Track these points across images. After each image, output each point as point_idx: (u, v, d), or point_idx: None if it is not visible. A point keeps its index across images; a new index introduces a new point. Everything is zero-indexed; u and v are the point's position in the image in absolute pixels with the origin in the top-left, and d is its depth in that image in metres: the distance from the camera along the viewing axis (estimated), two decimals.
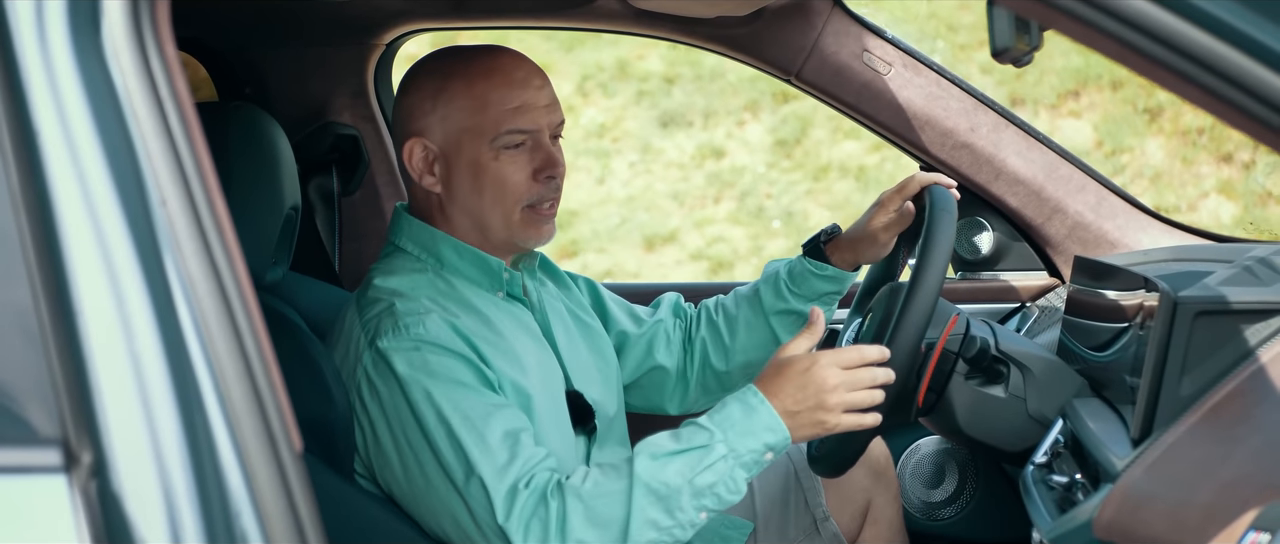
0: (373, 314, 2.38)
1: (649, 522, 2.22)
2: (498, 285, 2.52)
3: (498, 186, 2.45)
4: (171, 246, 1.44)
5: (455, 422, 2.26)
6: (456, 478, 2.25)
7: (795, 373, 2.30)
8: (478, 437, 2.25)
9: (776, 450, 2.29)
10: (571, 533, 2.19)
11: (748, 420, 2.27)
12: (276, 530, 1.43)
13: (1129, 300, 2.37)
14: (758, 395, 2.29)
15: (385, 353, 2.32)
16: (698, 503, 2.25)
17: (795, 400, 2.28)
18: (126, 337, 1.41)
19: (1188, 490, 1.89)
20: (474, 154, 2.44)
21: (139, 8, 1.47)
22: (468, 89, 2.45)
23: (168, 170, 1.46)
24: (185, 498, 1.40)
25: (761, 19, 3.16)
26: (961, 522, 3.23)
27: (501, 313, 2.49)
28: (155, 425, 1.41)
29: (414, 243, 2.51)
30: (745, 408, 2.29)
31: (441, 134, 2.47)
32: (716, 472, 2.25)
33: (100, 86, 1.45)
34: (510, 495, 2.21)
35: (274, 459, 1.44)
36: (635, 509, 2.21)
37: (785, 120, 8.40)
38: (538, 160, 2.46)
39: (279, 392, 1.47)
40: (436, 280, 2.47)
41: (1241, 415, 1.95)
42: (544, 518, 2.20)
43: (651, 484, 2.23)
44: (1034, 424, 2.59)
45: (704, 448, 2.25)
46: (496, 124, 2.43)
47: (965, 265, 3.38)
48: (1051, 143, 3.27)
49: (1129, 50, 1.51)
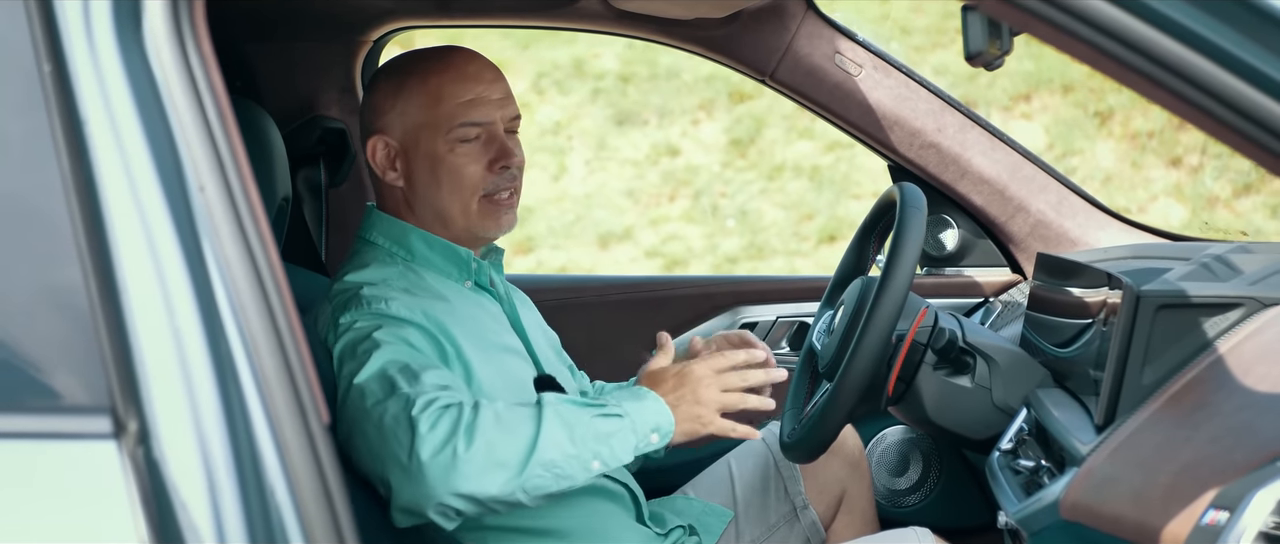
0: (341, 300, 2.45)
1: (554, 442, 2.26)
2: (466, 275, 2.59)
3: (454, 177, 2.52)
4: (209, 230, 1.53)
5: (392, 368, 2.31)
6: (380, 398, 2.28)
7: (669, 375, 2.40)
8: (412, 376, 2.30)
9: (661, 433, 2.35)
10: (480, 432, 2.21)
11: (638, 401, 2.35)
12: (306, 495, 1.51)
13: (1093, 297, 2.47)
14: (642, 388, 2.39)
15: (343, 325, 2.40)
16: (594, 448, 2.29)
17: (674, 396, 2.37)
18: (168, 313, 1.50)
19: (1150, 472, 1.97)
20: (431, 147, 2.52)
21: (179, 7, 1.56)
22: (422, 85, 2.53)
23: (205, 158, 1.54)
24: (222, 463, 1.49)
25: (738, 21, 3.25)
26: (925, 508, 3.32)
27: (469, 303, 2.56)
28: (195, 396, 1.49)
29: (385, 236, 2.58)
30: (633, 394, 2.37)
31: (400, 129, 2.54)
32: (614, 425, 2.31)
33: (142, 80, 1.54)
34: (426, 403, 2.24)
35: (304, 428, 1.53)
36: (545, 425, 2.26)
37: (740, 120, 8.44)
38: (492, 151, 2.53)
39: (308, 366, 1.56)
40: (407, 272, 2.53)
41: (1200, 402, 2.04)
42: (455, 417, 2.22)
43: (561, 412, 2.28)
44: (999, 413, 2.68)
45: (603, 406, 2.32)
46: (450, 117, 2.51)
47: (931, 261, 3.47)
48: (1015, 144, 3.37)
49: (1101, 55, 1.60)
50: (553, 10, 3.21)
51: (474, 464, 2.21)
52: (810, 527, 2.96)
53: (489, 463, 2.22)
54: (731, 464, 3.03)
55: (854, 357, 2.56)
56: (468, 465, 2.21)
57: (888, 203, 2.83)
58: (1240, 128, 1.60)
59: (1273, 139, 1.59)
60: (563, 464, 2.27)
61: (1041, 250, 3.24)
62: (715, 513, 2.92)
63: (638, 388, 2.41)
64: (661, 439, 2.36)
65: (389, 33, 3.49)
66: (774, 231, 7.95)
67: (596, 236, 8.07)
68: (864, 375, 2.57)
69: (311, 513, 1.52)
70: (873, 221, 2.94)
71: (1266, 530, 1.72)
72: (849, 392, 2.57)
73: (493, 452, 2.22)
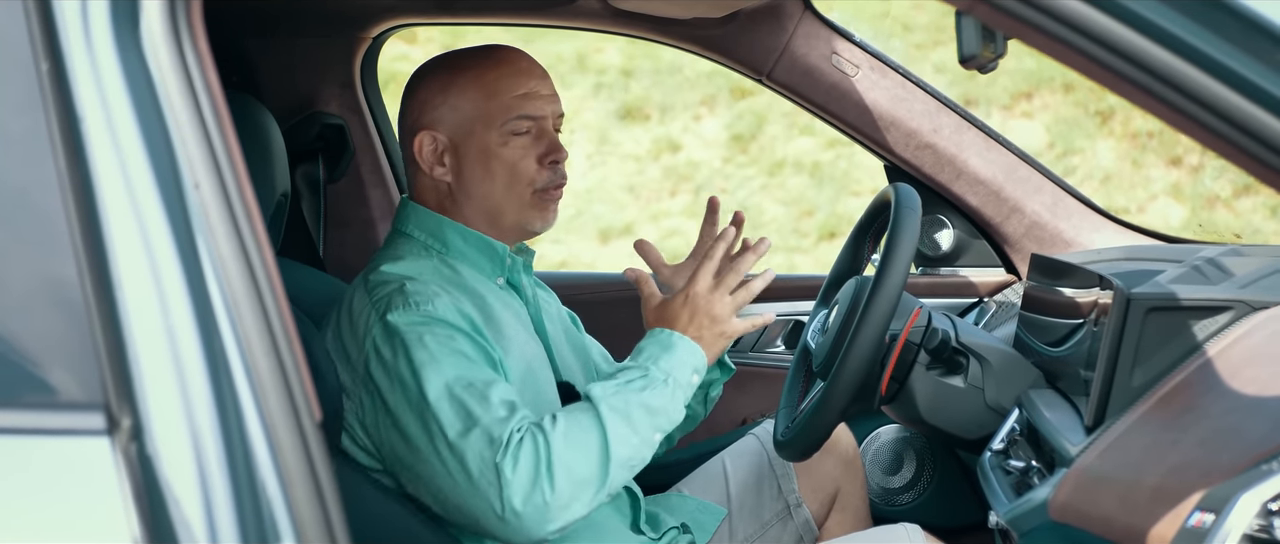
0: (383, 293, 2.44)
1: (621, 438, 2.33)
2: (500, 271, 2.60)
3: (509, 171, 2.54)
4: (204, 227, 1.54)
5: (458, 387, 2.33)
6: (455, 433, 2.31)
7: (679, 307, 2.48)
8: (479, 396, 2.32)
9: (700, 372, 2.46)
10: (557, 459, 2.27)
11: (669, 352, 2.43)
12: (298, 492, 1.53)
13: (1084, 297, 2.48)
14: (665, 331, 2.46)
15: (395, 325, 2.39)
16: (653, 423, 2.38)
17: (693, 327, 2.46)
18: (163, 310, 1.51)
19: (1137, 473, 1.98)
20: (484, 141, 2.53)
21: (176, 6, 1.57)
22: (477, 79, 2.54)
23: (201, 156, 1.55)
24: (215, 460, 1.50)
25: (736, 21, 3.27)
26: (919, 507, 3.33)
27: (499, 300, 2.57)
28: (189, 392, 1.50)
29: (421, 229, 2.58)
30: (660, 344, 2.44)
31: (451, 124, 2.55)
32: (661, 393, 2.39)
33: (139, 79, 1.55)
34: (505, 441, 2.28)
35: (296, 426, 1.54)
36: (609, 428, 2.32)
37: (741, 115, 8.45)
38: (543, 146, 2.56)
39: (301, 364, 1.57)
40: (441, 266, 2.54)
41: (1189, 405, 2.05)
42: (532, 451, 2.27)
43: (614, 404, 2.34)
44: (991, 413, 2.69)
45: (644, 376, 2.39)
46: (506, 110, 2.53)
47: (926, 261, 3.48)
48: (1011, 145, 3.38)
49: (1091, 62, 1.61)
50: (552, 9, 3.22)
51: (562, 497, 2.28)
52: (803, 525, 2.97)
53: (574, 488, 2.29)
54: (726, 462, 3.05)
55: (847, 356, 2.57)
56: (557, 502, 2.27)
57: (883, 203, 2.85)
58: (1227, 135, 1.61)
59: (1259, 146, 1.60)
60: (633, 455, 2.36)
61: (1036, 251, 3.25)
62: (709, 511, 2.93)
63: (660, 335, 2.46)
64: (701, 376, 2.47)
65: (389, 29, 3.50)
66: (774, 227, 7.96)
67: (597, 231, 8.08)
68: (857, 375, 2.58)
69: (303, 510, 1.53)
70: (868, 221, 2.95)
71: (1251, 533, 1.73)
72: (842, 391, 2.59)
73: (573, 476, 2.28)
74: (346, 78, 3.46)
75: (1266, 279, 2.30)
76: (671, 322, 2.47)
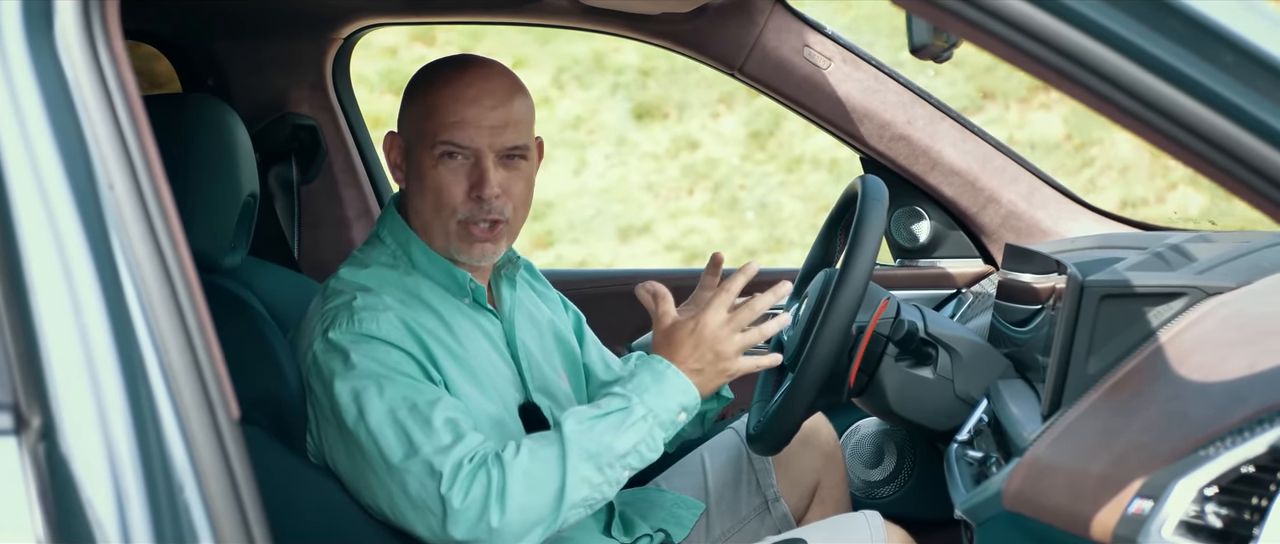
0: (332, 305, 2.44)
1: (583, 479, 2.32)
2: (463, 293, 2.57)
3: (435, 194, 2.50)
4: (118, 227, 1.54)
5: (400, 409, 2.32)
6: (396, 459, 2.31)
7: (686, 335, 2.43)
8: (422, 420, 2.31)
9: (689, 410, 2.42)
10: (511, 497, 2.27)
11: (659, 385, 2.39)
12: (213, 491, 1.53)
13: (1043, 283, 2.47)
14: (663, 361, 2.42)
15: (334, 343, 2.39)
16: (623, 462, 2.36)
17: (695, 359, 2.42)
18: (75, 310, 1.51)
19: (1085, 461, 1.97)
20: (420, 157, 2.51)
21: (89, 6, 1.57)
22: (425, 94, 2.52)
23: (115, 157, 1.55)
24: (128, 460, 1.50)
25: (705, 15, 3.26)
26: (900, 500, 3.31)
27: (463, 319, 2.55)
28: (101, 392, 1.50)
29: (392, 237, 2.57)
30: (655, 374, 2.40)
31: (406, 132, 2.55)
32: (638, 432, 2.36)
33: (53, 79, 1.55)
34: (454, 470, 2.28)
35: (212, 424, 1.54)
36: (570, 469, 2.30)
37: (759, 113, 8.44)
38: (473, 177, 2.48)
39: (218, 362, 1.57)
40: (404, 279, 2.52)
41: (1138, 391, 2.04)
42: (485, 484, 2.27)
43: (583, 444, 2.32)
44: (961, 404, 2.69)
45: (624, 411, 2.36)
46: (436, 133, 2.48)
47: (903, 253, 3.48)
48: (986, 135, 3.37)
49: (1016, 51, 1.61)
50: (521, 6, 3.23)
51: (511, 531, 2.28)
52: (782, 518, 2.96)
53: (524, 524, 2.29)
54: (704, 456, 3.04)
55: (813, 348, 2.57)
56: (503, 536, 2.28)
57: (852, 195, 2.84)
58: (1150, 120, 1.60)
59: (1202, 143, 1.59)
60: (593, 495, 2.35)
61: (1012, 241, 3.24)
62: (686, 505, 2.93)
63: (656, 364, 2.42)
64: (690, 414, 2.43)
65: (360, 30, 3.51)
66: (793, 224, 7.96)
67: (616, 230, 8.08)
68: (823, 367, 2.57)
69: (220, 509, 1.53)
70: (838, 214, 2.94)
71: (1187, 519, 1.72)
72: (808, 384, 2.58)
73: (526, 514, 2.28)
74: (318, 79, 3.47)
75: (1226, 265, 2.29)
76: (675, 349, 2.43)
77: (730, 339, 2.42)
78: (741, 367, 2.45)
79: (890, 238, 3.46)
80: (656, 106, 8.63)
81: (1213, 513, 1.71)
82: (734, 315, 2.44)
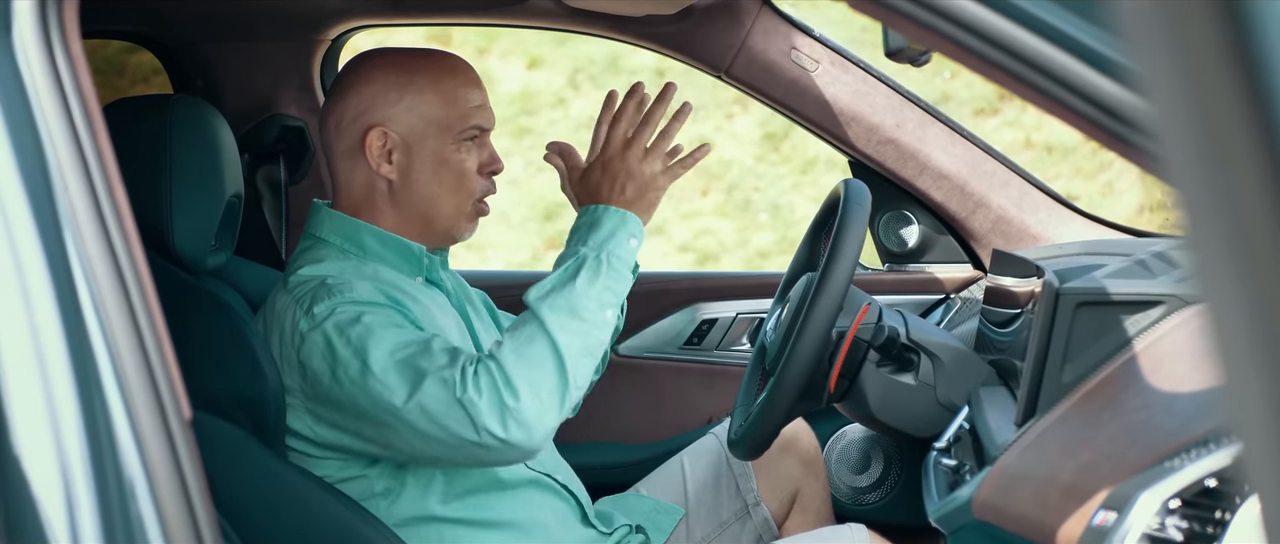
0: (304, 291, 2.46)
1: (570, 332, 2.34)
2: (418, 271, 2.60)
3: (459, 178, 2.56)
4: (72, 229, 1.54)
5: (398, 351, 2.35)
6: (406, 391, 2.32)
7: (598, 176, 2.49)
8: (421, 350, 2.35)
9: (638, 237, 2.46)
10: (515, 378, 2.29)
11: (596, 226, 2.44)
12: (164, 492, 1.53)
13: (1023, 287, 2.46)
14: (590, 209, 2.47)
15: (321, 314, 2.40)
16: (600, 302, 2.39)
17: (617, 192, 2.48)
18: (27, 310, 1.51)
19: (1052, 470, 1.96)
20: (438, 146, 2.55)
21: (47, 11, 1.58)
22: (436, 84, 2.56)
23: (71, 160, 1.56)
24: (79, 460, 1.50)
25: (691, 18, 3.26)
26: (887, 506, 3.30)
27: (421, 294, 2.57)
28: (52, 393, 1.50)
29: (336, 234, 2.58)
30: (588, 223, 2.46)
31: (406, 124, 2.55)
32: (597, 270, 2.40)
33: (10, 82, 1.55)
34: (461, 376, 2.30)
35: (163, 425, 1.54)
36: (553, 328, 2.33)
37: (773, 115, 8.41)
38: (484, 157, 2.59)
39: (170, 364, 1.57)
40: (361, 266, 2.55)
41: (1109, 401, 2.03)
42: (489, 376, 2.29)
43: (552, 304, 2.36)
44: (943, 411, 2.67)
45: (574, 258, 2.41)
46: (464, 119, 2.55)
47: (892, 257, 3.46)
48: (976, 139, 3.36)
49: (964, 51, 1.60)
50: (505, 9, 3.22)
51: (531, 409, 2.29)
52: (762, 524, 2.96)
53: (540, 399, 2.31)
54: (684, 462, 3.04)
55: (792, 352, 2.57)
56: (530, 414, 2.29)
57: (835, 199, 2.83)
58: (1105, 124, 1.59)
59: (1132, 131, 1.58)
60: (588, 341, 2.37)
61: (1001, 246, 3.23)
62: (666, 511, 2.93)
63: (586, 213, 2.47)
64: (640, 241, 2.47)
65: (346, 32, 3.52)
66: (806, 225, 7.94)
67: None
68: (802, 372, 2.57)
69: (170, 510, 1.54)
70: (823, 219, 2.94)
71: (1150, 532, 1.71)
72: (787, 389, 2.58)
73: (537, 388, 2.31)
74: (305, 80, 3.47)
75: None
76: (594, 193, 2.49)
77: (640, 159, 2.47)
78: (662, 179, 2.49)
79: (879, 242, 3.45)
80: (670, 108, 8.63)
81: (1174, 526, 1.70)
82: (634, 136, 2.49)
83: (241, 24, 3.35)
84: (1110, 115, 1.57)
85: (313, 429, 2.47)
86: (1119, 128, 1.59)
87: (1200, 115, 0.83)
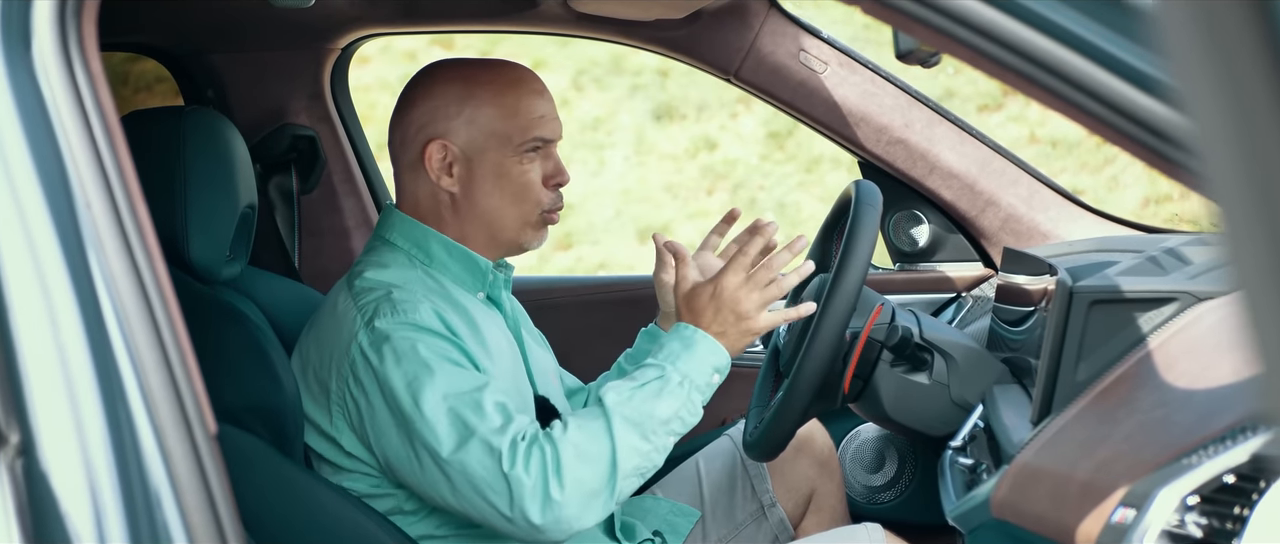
0: (370, 299, 2.44)
1: (631, 448, 2.35)
2: (481, 286, 2.59)
3: (522, 190, 2.55)
4: (95, 244, 1.55)
5: (451, 396, 2.34)
6: (453, 443, 2.32)
7: (706, 299, 2.48)
8: (473, 404, 2.33)
9: (721, 371, 2.47)
10: (566, 470, 2.29)
11: (689, 351, 2.44)
12: (190, 504, 1.54)
13: (1036, 285, 2.47)
14: (690, 328, 2.47)
15: (383, 332, 2.39)
16: (667, 428, 2.40)
17: (718, 321, 2.47)
18: (53, 327, 1.52)
19: (1070, 468, 1.96)
20: (499, 158, 2.54)
21: (67, 28, 1.59)
22: (497, 96, 2.55)
23: (92, 175, 1.57)
24: (106, 475, 1.51)
25: (699, 21, 3.27)
26: (901, 505, 3.30)
27: (481, 314, 2.56)
28: (79, 409, 1.51)
29: (405, 239, 2.58)
30: (683, 341, 2.46)
31: (466, 137, 2.54)
32: (677, 397, 2.40)
33: (30, 98, 1.57)
34: (512, 448, 2.30)
35: (189, 439, 1.55)
36: (618, 438, 2.34)
37: (778, 113, 8.39)
38: (550, 167, 2.58)
39: (195, 377, 1.58)
40: (425, 277, 2.53)
41: (1124, 398, 2.03)
42: (541, 459, 2.29)
43: (625, 413, 2.36)
44: (957, 410, 2.68)
45: (660, 379, 2.41)
46: (524, 131, 2.54)
47: (903, 257, 3.47)
48: (985, 138, 3.36)
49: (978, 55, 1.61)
50: (515, 14, 3.23)
51: (572, 509, 2.30)
52: (778, 525, 2.97)
53: (582, 497, 2.30)
54: (699, 463, 3.05)
55: (807, 354, 2.57)
56: (567, 513, 2.29)
57: (847, 201, 2.84)
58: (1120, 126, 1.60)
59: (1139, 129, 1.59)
60: (644, 463, 2.38)
61: (1012, 244, 3.23)
62: (682, 512, 2.94)
63: (684, 331, 2.47)
64: (722, 376, 2.48)
65: (357, 40, 3.52)
66: (813, 224, 7.95)
67: (636, 232, 8.09)
68: (817, 373, 2.57)
69: (197, 522, 1.55)
70: (834, 220, 2.94)
71: (1169, 529, 1.72)
72: (802, 390, 2.58)
73: (583, 486, 2.30)
74: (316, 89, 3.48)
75: (1219, 269, 2.28)
76: (698, 314, 2.48)
77: (749, 298, 2.47)
78: (764, 324, 2.49)
79: (889, 242, 3.46)
80: (675, 107, 8.64)
81: (1194, 523, 1.70)
82: (752, 275, 2.48)
83: (252, 34, 3.35)
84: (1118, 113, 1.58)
85: (348, 438, 2.46)
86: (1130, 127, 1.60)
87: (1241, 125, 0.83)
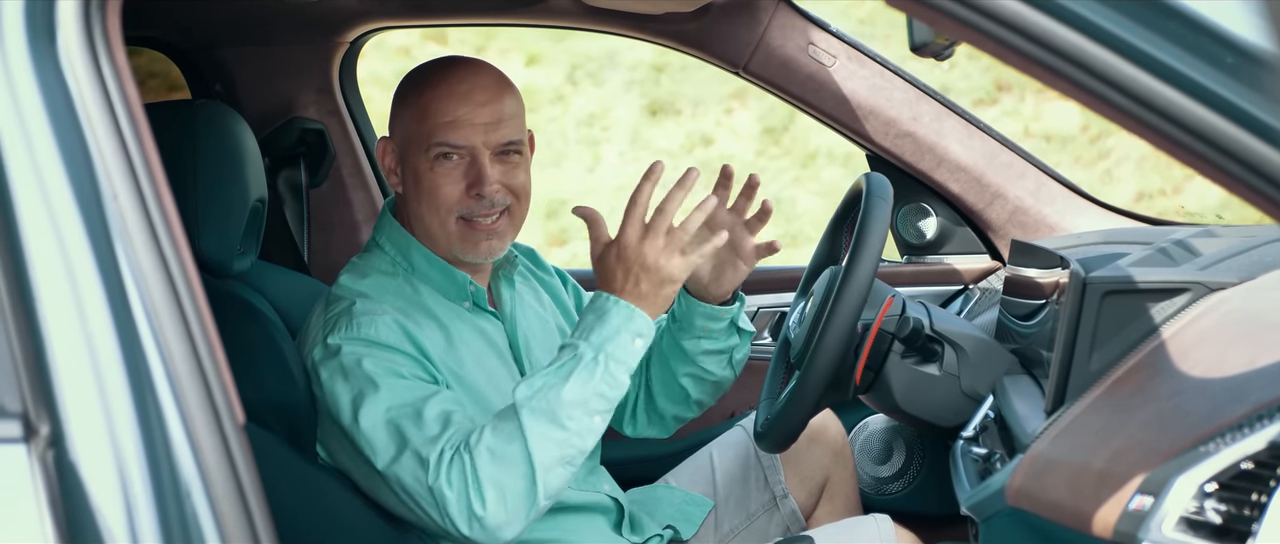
0: (334, 313, 2.46)
1: (546, 439, 2.27)
2: (464, 296, 2.58)
3: (431, 195, 2.50)
4: (122, 236, 1.56)
5: (393, 407, 2.34)
6: (388, 457, 2.32)
7: (613, 262, 2.34)
8: (413, 415, 2.33)
9: (645, 337, 2.34)
10: (484, 478, 2.26)
11: (602, 322, 2.32)
12: (220, 495, 1.55)
13: (1047, 278, 2.48)
14: (603, 297, 2.34)
15: (334, 347, 2.41)
16: (586, 409, 2.30)
17: (630, 282, 2.33)
18: (81, 319, 1.53)
19: (1086, 457, 1.97)
20: (415, 161, 2.51)
21: (91, 21, 1.59)
22: (417, 97, 2.52)
23: (118, 167, 1.58)
24: (136, 466, 1.52)
25: (709, 14, 3.28)
26: (910, 496, 3.32)
27: (465, 325, 2.56)
28: (108, 399, 1.52)
29: (392, 245, 2.58)
30: (597, 312, 2.34)
31: (398, 138, 2.56)
32: (591, 373, 2.29)
33: (56, 91, 1.57)
34: (438, 459, 2.28)
35: (217, 430, 1.56)
36: (529, 433, 2.26)
37: (773, 109, 8.44)
38: (470, 176, 2.49)
39: (222, 368, 1.59)
40: (405, 286, 2.54)
41: (1139, 387, 2.04)
42: (461, 471, 2.27)
43: (534, 406, 2.28)
44: (968, 400, 2.68)
45: (573, 359, 2.30)
46: (430, 135, 2.49)
47: (910, 249, 3.48)
48: (992, 131, 3.37)
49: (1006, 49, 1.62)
50: (524, 8, 3.24)
51: (497, 515, 2.27)
52: (790, 515, 2.97)
53: (507, 504, 2.27)
54: (712, 454, 3.06)
55: (819, 346, 2.58)
56: (494, 519, 2.27)
57: (857, 193, 2.85)
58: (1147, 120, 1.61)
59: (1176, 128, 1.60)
60: (566, 450, 2.29)
61: (1019, 237, 3.24)
62: (695, 502, 2.94)
63: (597, 301, 2.35)
64: (647, 340, 2.34)
65: (365, 34, 3.53)
66: (808, 219, 7.96)
67: None
68: (829, 365, 2.58)
69: (226, 513, 1.55)
70: (843, 213, 2.95)
71: (1187, 515, 1.73)
72: (814, 381, 2.59)
73: (505, 492, 2.27)
74: (324, 83, 3.49)
75: (1230, 260, 2.29)
76: (610, 280, 2.35)
77: (652, 247, 2.32)
78: (679, 269, 2.33)
79: (897, 235, 3.47)
80: (670, 103, 8.64)
81: (1212, 509, 1.71)
82: (650, 224, 2.33)
83: (259, 28, 3.36)
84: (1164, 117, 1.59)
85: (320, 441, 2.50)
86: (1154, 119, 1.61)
87: None
